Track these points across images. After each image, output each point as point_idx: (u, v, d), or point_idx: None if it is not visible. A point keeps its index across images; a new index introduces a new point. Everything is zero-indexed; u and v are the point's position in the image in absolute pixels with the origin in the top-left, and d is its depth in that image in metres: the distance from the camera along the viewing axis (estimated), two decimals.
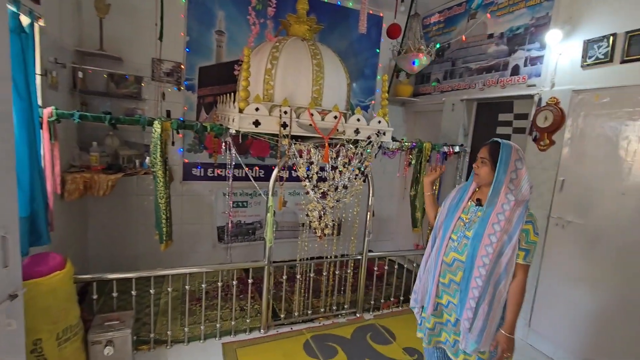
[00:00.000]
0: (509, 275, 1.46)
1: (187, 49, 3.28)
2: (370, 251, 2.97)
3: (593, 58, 2.36)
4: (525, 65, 2.86)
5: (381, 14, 4.03)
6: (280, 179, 2.48)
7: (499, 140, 1.53)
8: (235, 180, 3.64)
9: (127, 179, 3.14)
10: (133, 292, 2.22)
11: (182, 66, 3.28)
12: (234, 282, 2.53)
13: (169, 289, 2.35)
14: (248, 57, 2.23)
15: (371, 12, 3.97)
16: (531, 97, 2.80)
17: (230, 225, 2.91)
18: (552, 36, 2.58)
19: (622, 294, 2.20)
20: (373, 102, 4.20)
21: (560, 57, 2.57)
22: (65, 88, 2.61)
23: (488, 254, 1.45)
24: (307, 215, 2.61)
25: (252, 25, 2.94)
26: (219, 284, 2.52)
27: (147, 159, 2.81)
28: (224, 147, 2.60)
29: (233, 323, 2.58)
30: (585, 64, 2.40)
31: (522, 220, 1.44)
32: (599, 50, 2.32)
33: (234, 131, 2.33)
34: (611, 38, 2.25)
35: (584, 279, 2.39)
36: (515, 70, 2.94)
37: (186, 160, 3.45)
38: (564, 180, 2.52)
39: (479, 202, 1.57)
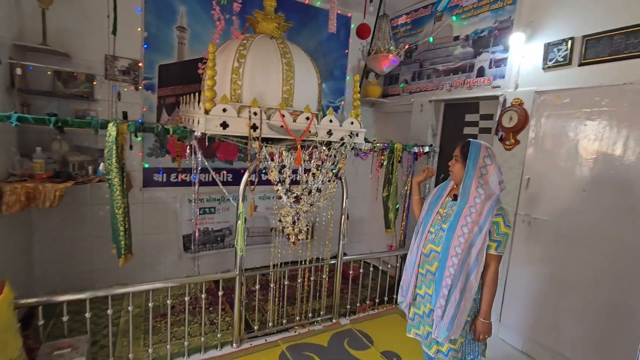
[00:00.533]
0: (479, 266, 1.56)
1: (145, 46, 3.05)
2: (345, 254, 2.91)
3: (553, 61, 2.46)
4: (490, 67, 2.94)
5: (349, 14, 4.00)
6: (251, 183, 2.35)
7: (471, 139, 1.68)
8: (202, 185, 3.45)
9: (79, 188, 2.86)
10: (87, 315, 1.99)
11: (140, 64, 3.05)
12: (203, 296, 2.36)
13: (130, 308, 2.13)
14: (213, 55, 2.08)
15: (339, 12, 3.93)
16: (496, 98, 2.88)
17: (197, 233, 2.73)
18: (515, 39, 2.66)
19: (585, 287, 2.30)
20: (343, 102, 4.16)
21: (523, 60, 2.66)
22: (1, 87, 2.31)
23: (460, 244, 1.56)
24: (280, 220, 2.49)
25: (217, 21, 2.77)
26: (186, 298, 2.33)
27: (102, 166, 2.55)
28: (188, 151, 2.42)
29: (202, 339, 2.41)
30: (546, 66, 2.50)
31: (492, 212, 1.55)
32: (559, 53, 2.42)
33: (199, 134, 2.17)
34: (569, 42, 2.35)
35: (551, 273, 2.48)
36: (481, 72, 3.01)
37: (147, 166, 3.20)
38: (530, 179, 2.61)
39: (455, 197, 1.70)
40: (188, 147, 2.40)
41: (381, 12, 3.30)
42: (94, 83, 2.84)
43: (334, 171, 2.60)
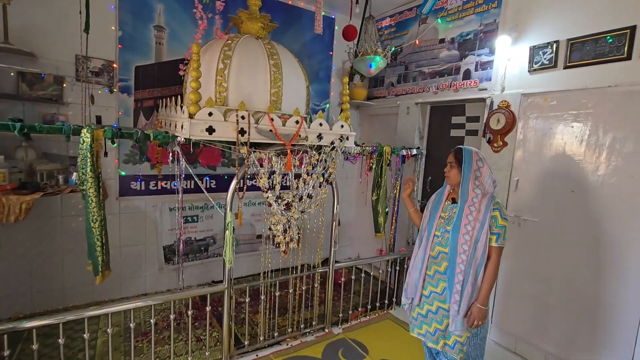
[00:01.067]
0: (484, 258, 1.71)
1: (120, 45, 2.86)
2: (337, 261, 2.84)
3: (539, 63, 2.49)
4: (476, 69, 2.95)
5: (333, 16, 3.94)
6: (239, 189, 2.23)
7: (462, 146, 1.85)
8: (184, 192, 3.28)
9: (49, 199, 2.64)
10: (60, 341, 1.80)
11: (115, 65, 2.85)
12: (189, 312, 2.21)
13: (109, 330, 1.96)
14: (197, 55, 1.96)
15: (324, 13, 3.87)
16: (483, 100, 2.89)
17: (181, 245, 2.57)
18: (501, 42, 2.69)
19: (576, 287, 2.33)
20: (328, 105, 4.09)
21: (509, 62, 2.68)
22: None
23: (466, 242, 1.70)
24: (270, 229, 2.39)
25: (199, 20, 2.63)
26: (172, 316, 2.18)
27: (75, 175, 2.36)
28: (170, 157, 2.27)
29: (190, 358, 2.26)
30: (532, 69, 2.53)
31: (490, 208, 1.71)
32: (544, 56, 2.46)
33: (183, 139, 2.03)
34: (554, 45, 2.39)
35: (541, 274, 2.50)
36: (467, 75, 3.02)
37: (123, 174, 3.00)
38: (518, 180, 2.63)
39: (453, 201, 1.86)
40: (170, 154, 2.25)
41: (367, 13, 3.25)
42: (64, 85, 2.63)
43: (324, 176, 2.52)
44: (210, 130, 2.03)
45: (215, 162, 3.42)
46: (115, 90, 2.87)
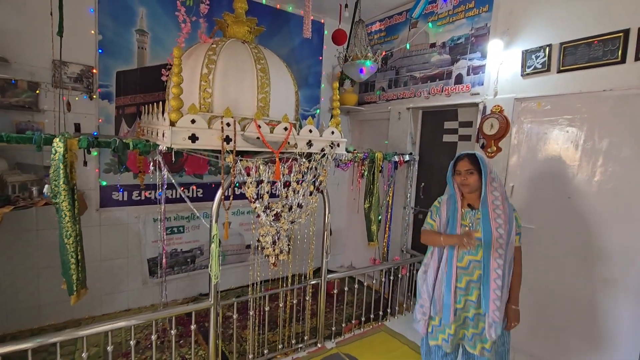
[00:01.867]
0: (514, 259, 1.77)
1: (100, 50, 2.74)
2: (330, 271, 2.73)
3: (532, 68, 2.45)
4: (468, 74, 2.91)
5: (322, 21, 3.88)
6: (226, 198, 2.12)
7: (472, 152, 1.83)
8: (169, 202, 3.15)
9: (21, 213, 2.47)
10: None
11: (95, 70, 2.73)
12: (173, 332, 2.07)
13: (84, 355, 1.81)
14: (179, 59, 1.85)
15: (312, 17, 3.80)
16: (476, 105, 2.85)
17: (164, 259, 2.44)
18: (493, 46, 2.65)
19: (572, 296, 2.27)
20: (319, 111, 4.02)
21: (501, 67, 2.64)
22: None
23: (501, 245, 1.69)
24: (259, 240, 2.27)
25: (182, 23, 2.53)
26: (154, 337, 2.04)
27: (46, 188, 2.21)
28: (152, 167, 2.14)
29: None
30: (525, 73, 2.49)
31: (512, 208, 1.79)
32: (537, 60, 2.42)
33: (165, 148, 1.92)
34: (547, 49, 2.35)
35: (537, 283, 2.44)
36: (459, 79, 2.98)
37: (104, 183, 2.86)
38: (513, 186, 2.58)
39: (471, 207, 1.83)
40: (151, 163, 2.13)
41: (356, 18, 3.20)
42: (37, 92, 2.49)
43: (315, 184, 2.42)
44: (194, 138, 1.92)
45: (201, 170, 3.30)
46: (95, 96, 2.73)
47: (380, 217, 3.17)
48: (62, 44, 2.32)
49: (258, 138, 2.11)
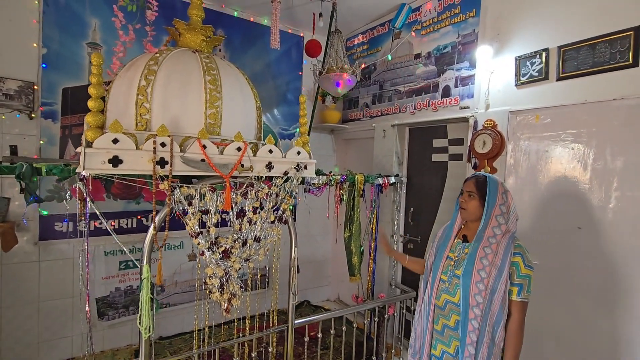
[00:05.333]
0: (503, 315, 1.39)
1: (44, 65, 2.46)
2: (313, 306, 2.30)
3: (527, 76, 2.12)
4: (456, 85, 2.59)
5: (302, 34, 3.64)
6: (161, 229, 1.75)
7: (484, 174, 1.54)
8: (123, 232, 2.80)
9: None
10: None
11: (36, 86, 2.44)
12: None
13: None
14: (98, 68, 1.56)
15: (290, 31, 3.57)
16: (466, 120, 2.51)
17: (87, 307, 2.05)
18: (482, 54, 2.34)
19: (589, 341, 1.84)
20: (299, 129, 3.70)
21: (492, 76, 2.32)
22: None
23: (480, 292, 1.39)
24: (206, 282, 1.89)
25: (120, 30, 2.26)
26: None
27: None
28: (68, 196, 1.80)
29: None
30: (519, 82, 2.16)
31: (509, 251, 1.40)
32: (532, 67, 2.09)
33: (84, 173, 1.59)
34: (544, 54, 2.03)
35: (547, 327, 2.01)
36: (447, 92, 2.66)
37: (45, 213, 2.52)
38: None
39: (464, 239, 1.55)
40: (69, 191, 1.78)
41: (333, 27, 2.93)
42: None
43: (277, 213, 2.06)
44: (116, 161, 1.59)
45: (162, 196, 2.95)
46: (34, 115, 2.44)
47: (362, 247, 2.78)
48: None
49: (203, 160, 1.78)
